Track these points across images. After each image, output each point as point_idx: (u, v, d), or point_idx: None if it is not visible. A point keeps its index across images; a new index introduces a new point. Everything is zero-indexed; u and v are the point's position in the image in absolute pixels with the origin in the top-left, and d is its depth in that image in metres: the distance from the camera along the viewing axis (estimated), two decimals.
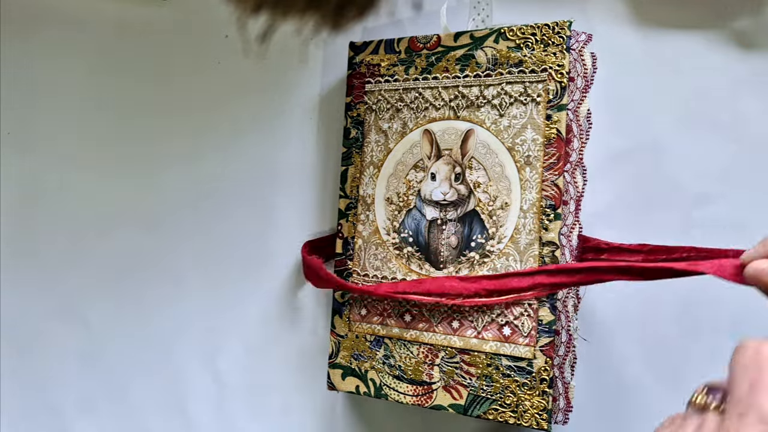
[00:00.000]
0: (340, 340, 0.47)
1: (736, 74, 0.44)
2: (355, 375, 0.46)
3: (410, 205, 0.45)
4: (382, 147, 0.46)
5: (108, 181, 0.57)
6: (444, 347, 0.43)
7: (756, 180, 0.44)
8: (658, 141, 0.45)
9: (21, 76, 0.58)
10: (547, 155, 0.41)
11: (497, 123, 0.42)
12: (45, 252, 0.58)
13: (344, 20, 0.36)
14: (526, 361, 0.40)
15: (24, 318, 0.59)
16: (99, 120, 0.57)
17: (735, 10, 0.44)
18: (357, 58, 0.48)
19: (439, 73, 0.45)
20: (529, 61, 0.42)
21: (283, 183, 0.54)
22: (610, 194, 0.46)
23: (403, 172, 0.46)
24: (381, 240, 0.46)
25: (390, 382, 0.45)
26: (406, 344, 0.44)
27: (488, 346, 0.41)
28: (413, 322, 0.44)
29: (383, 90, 0.47)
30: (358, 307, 0.46)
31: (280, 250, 0.54)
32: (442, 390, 0.43)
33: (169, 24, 0.56)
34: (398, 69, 0.46)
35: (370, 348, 0.46)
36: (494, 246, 0.42)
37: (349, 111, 0.48)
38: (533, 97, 0.41)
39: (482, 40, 0.43)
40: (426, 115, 0.45)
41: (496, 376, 0.41)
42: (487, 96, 0.43)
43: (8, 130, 0.58)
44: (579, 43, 0.42)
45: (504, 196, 0.42)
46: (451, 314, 0.43)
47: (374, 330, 0.45)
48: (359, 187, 0.47)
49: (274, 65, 0.54)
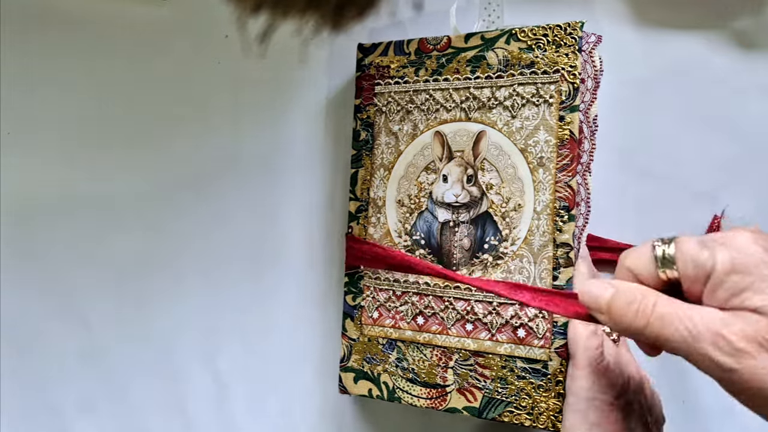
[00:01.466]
0: (351, 343, 0.47)
1: (736, 74, 0.44)
2: (367, 378, 0.46)
3: (422, 207, 0.45)
4: (393, 149, 0.46)
5: (108, 181, 0.56)
6: (458, 350, 0.43)
7: (756, 180, 0.44)
8: (658, 141, 0.45)
9: (21, 76, 0.57)
10: (561, 156, 0.41)
11: (509, 124, 0.42)
12: (45, 252, 0.57)
13: (344, 20, 0.36)
14: (542, 363, 0.40)
15: (24, 318, 0.58)
16: (99, 120, 0.57)
17: (735, 10, 0.44)
18: (366, 60, 0.48)
19: (449, 75, 0.45)
20: (541, 62, 0.42)
21: (288, 184, 0.54)
22: (610, 194, 0.46)
23: (414, 174, 0.45)
24: (393, 242, 0.46)
25: (403, 385, 0.44)
26: (419, 347, 0.44)
27: (503, 348, 0.41)
28: (426, 325, 0.44)
29: (393, 92, 0.47)
30: (369, 310, 0.46)
31: (282, 251, 0.53)
32: (456, 393, 0.43)
33: (169, 24, 0.55)
34: (408, 71, 0.46)
35: (383, 351, 0.45)
36: (508, 248, 0.42)
37: (358, 113, 0.48)
38: (546, 99, 0.41)
39: (493, 42, 0.43)
40: (437, 116, 0.45)
41: (510, 378, 0.41)
42: (499, 97, 0.43)
43: (8, 130, 0.58)
44: (589, 44, 0.42)
45: (517, 198, 0.42)
46: (465, 317, 0.43)
47: (387, 333, 0.45)
48: (370, 189, 0.47)
49: (276, 65, 0.54)
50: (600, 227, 0.45)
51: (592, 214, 0.43)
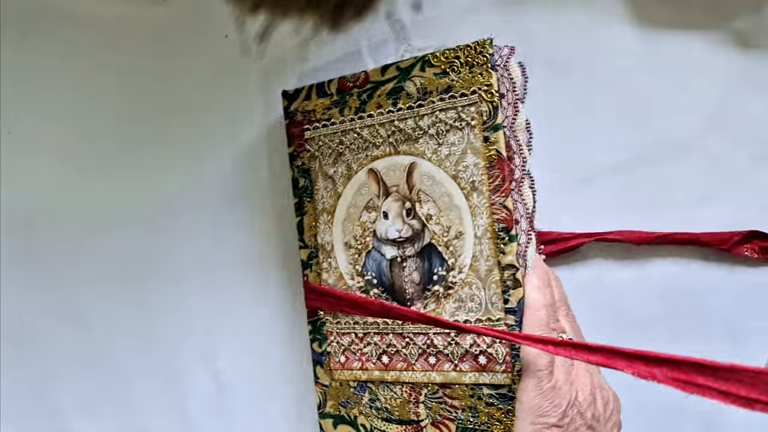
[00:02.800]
0: (325, 389, 0.47)
1: (736, 74, 0.44)
2: (345, 422, 0.46)
3: (368, 246, 0.45)
4: (332, 192, 0.46)
5: (108, 181, 0.56)
6: (425, 384, 0.43)
7: (756, 180, 0.44)
8: (657, 141, 0.45)
9: (21, 76, 0.58)
10: (492, 177, 0.40)
11: (437, 152, 0.42)
12: (45, 252, 0.58)
13: (343, 20, 0.36)
14: (506, 387, 0.40)
15: (24, 318, 0.58)
16: (99, 120, 0.57)
17: (735, 10, 0.44)
18: (292, 107, 0.47)
19: (373, 110, 0.44)
20: (458, 85, 0.41)
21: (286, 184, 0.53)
22: (610, 194, 0.46)
23: (356, 214, 0.45)
24: (346, 286, 0.45)
25: (380, 425, 0.44)
26: (388, 386, 0.44)
27: (467, 377, 0.41)
28: (392, 363, 0.44)
29: (322, 135, 0.46)
30: (336, 355, 0.46)
31: (283, 252, 0.53)
32: (431, 426, 0.43)
33: (169, 24, 0.55)
34: (333, 112, 0.46)
35: (355, 394, 0.45)
36: (456, 276, 0.41)
37: (293, 161, 0.48)
38: (468, 121, 0.41)
39: (409, 71, 0.43)
40: (368, 154, 0.44)
41: (480, 407, 0.41)
42: (423, 126, 0.42)
43: (8, 130, 0.58)
44: (503, 57, 0.41)
45: (457, 225, 0.41)
46: (426, 350, 0.43)
47: (356, 376, 0.45)
48: (316, 235, 0.47)
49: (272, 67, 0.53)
50: (599, 227, 0.45)
51: (586, 212, 0.43)
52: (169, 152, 0.55)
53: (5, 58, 0.57)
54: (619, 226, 0.45)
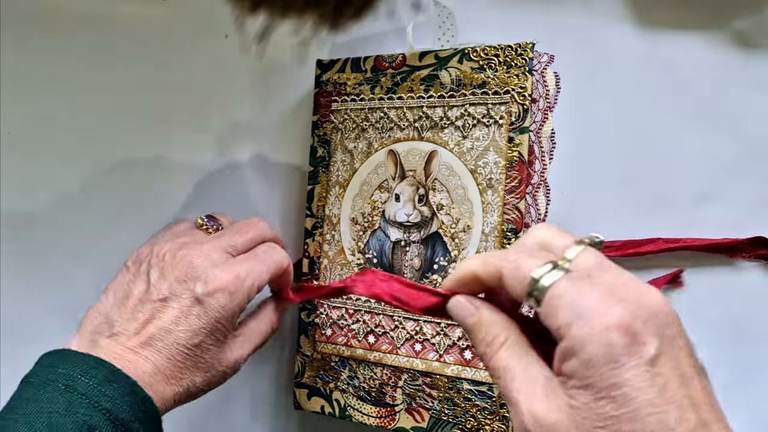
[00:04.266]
0: (305, 359, 0.47)
1: (736, 74, 0.44)
2: (320, 395, 0.46)
3: (375, 225, 0.45)
4: (348, 167, 0.46)
5: (108, 181, 0.56)
6: (407, 370, 0.43)
7: (756, 180, 0.44)
8: (657, 141, 0.45)
9: (21, 76, 0.58)
10: (509, 178, 0.40)
11: (460, 144, 0.42)
12: (45, 252, 0.58)
13: (343, 20, 0.36)
14: (487, 385, 0.40)
15: (24, 318, 0.58)
16: (99, 120, 0.57)
17: (735, 10, 0.44)
18: (324, 76, 0.48)
19: (404, 93, 0.44)
20: (492, 83, 0.41)
21: (284, 185, 0.54)
22: (610, 194, 0.46)
23: (368, 192, 0.45)
24: (346, 260, 0.46)
25: (354, 403, 0.45)
26: (370, 366, 0.44)
27: (450, 369, 0.41)
28: (377, 344, 0.44)
29: (349, 109, 0.46)
30: (323, 327, 0.46)
31: None
32: (405, 412, 0.43)
33: (169, 24, 0.55)
34: (364, 88, 0.46)
35: (335, 368, 0.46)
36: None
37: (315, 129, 0.48)
38: (496, 119, 0.41)
39: (446, 61, 0.43)
40: (391, 135, 0.45)
41: (457, 400, 0.41)
42: (451, 117, 0.43)
43: (8, 130, 0.58)
44: (541, 64, 0.41)
45: (466, 219, 0.42)
46: (414, 337, 0.43)
47: (339, 351, 0.45)
48: (325, 206, 0.47)
49: (272, 67, 0.53)
50: (600, 227, 0.44)
51: (586, 212, 0.43)
52: (169, 151, 0.55)
53: (5, 58, 0.57)
54: (619, 227, 0.45)
